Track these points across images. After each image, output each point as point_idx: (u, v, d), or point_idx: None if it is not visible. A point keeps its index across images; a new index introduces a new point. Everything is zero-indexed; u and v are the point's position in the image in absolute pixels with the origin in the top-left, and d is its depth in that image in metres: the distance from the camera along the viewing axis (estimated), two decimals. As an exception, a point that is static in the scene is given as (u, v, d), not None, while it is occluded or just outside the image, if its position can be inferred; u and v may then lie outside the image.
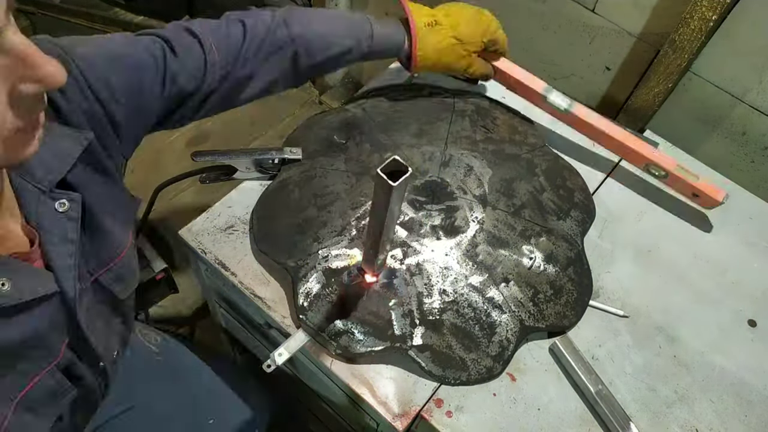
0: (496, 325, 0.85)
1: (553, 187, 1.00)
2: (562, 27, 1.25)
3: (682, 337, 0.92)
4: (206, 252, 0.92)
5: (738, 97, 1.08)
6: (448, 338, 0.84)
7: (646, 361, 0.89)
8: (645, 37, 1.14)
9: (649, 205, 1.06)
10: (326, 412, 1.11)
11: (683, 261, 1.00)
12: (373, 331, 0.82)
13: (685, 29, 1.01)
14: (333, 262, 0.86)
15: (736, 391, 0.87)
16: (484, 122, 1.06)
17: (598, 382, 0.83)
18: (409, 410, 0.81)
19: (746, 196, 1.10)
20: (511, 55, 1.06)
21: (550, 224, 0.95)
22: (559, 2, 1.21)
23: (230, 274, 0.90)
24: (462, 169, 0.95)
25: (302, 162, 0.98)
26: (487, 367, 0.83)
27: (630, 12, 1.13)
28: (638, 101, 1.16)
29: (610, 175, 1.09)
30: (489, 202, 0.93)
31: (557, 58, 1.31)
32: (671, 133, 1.17)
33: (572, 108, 1.03)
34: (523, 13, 1.29)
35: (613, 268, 0.98)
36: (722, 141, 1.16)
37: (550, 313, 0.88)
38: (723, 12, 0.96)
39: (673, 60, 1.06)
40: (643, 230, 1.03)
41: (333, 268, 0.86)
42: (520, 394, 0.84)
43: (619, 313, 0.92)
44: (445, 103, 1.08)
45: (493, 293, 0.87)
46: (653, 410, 0.84)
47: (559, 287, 0.90)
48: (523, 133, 1.07)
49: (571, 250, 0.94)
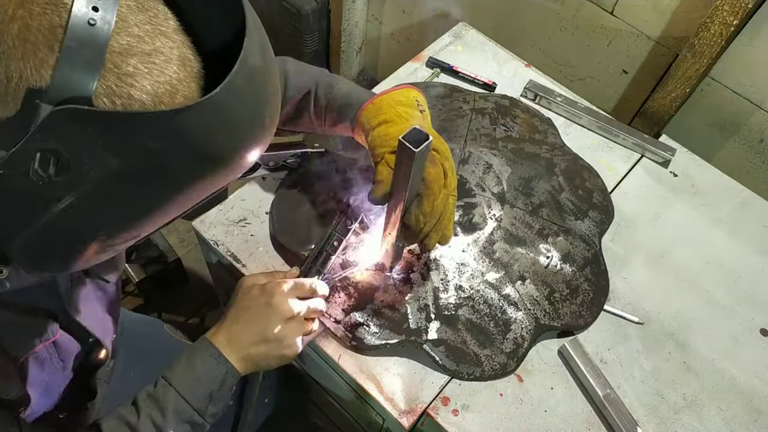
0: (511, 322, 0.86)
1: (572, 187, 1.00)
2: (580, 28, 1.24)
3: (692, 343, 0.91)
4: (219, 244, 0.93)
5: (757, 104, 1.07)
6: (462, 333, 0.84)
7: (656, 367, 0.88)
8: (664, 41, 1.13)
9: (662, 210, 1.06)
10: (332, 407, 1.12)
11: (696, 267, 0.99)
12: (388, 324, 0.83)
13: (705, 33, 1.00)
14: (351, 254, 0.87)
15: (746, 399, 0.87)
16: (504, 120, 1.06)
17: (606, 385, 0.83)
18: (415, 407, 0.81)
19: (762, 204, 1.09)
20: (528, 56, 1.05)
21: (568, 224, 0.95)
22: (577, 3, 1.21)
23: (242, 267, 0.91)
24: (481, 167, 0.96)
25: (324, 155, 0.99)
26: (501, 363, 0.84)
27: (649, 15, 1.12)
28: (655, 105, 1.15)
29: (622, 180, 1.09)
30: (507, 200, 0.93)
31: (574, 60, 1.31)
32: (688, 138, 1.16)
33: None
34: (540, 13, 1.28)
35: (625, 272, 0.97)
36: (739, 148, 1.15)
37: (565, 312, 0.88)
38: (744, 17, 0.95)
39: (692, 65, 1.05)
40: (656, 235, 1.02)
41: (351, 260, 0.87)
42: (527, 395, 0.84)
43: (634, 319, 0.91)
44: (466, 100, 1.08)
45: (509, 290, 0.87)
46: (661, 416, 0.84)
47: (576, 287, 0.90)
48: (543, 133, 1.07)
49: (589, 250, 0.94)
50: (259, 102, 0.48)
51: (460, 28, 1.28)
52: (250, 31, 0.45)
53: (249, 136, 0.48)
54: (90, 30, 0.39)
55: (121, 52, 0.41)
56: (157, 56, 0.43)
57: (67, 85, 0.38)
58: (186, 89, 0.45)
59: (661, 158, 1.11)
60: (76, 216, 0.43)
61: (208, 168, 0.46)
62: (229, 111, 0.44)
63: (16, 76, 0.39)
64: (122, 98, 0.41)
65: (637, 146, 1.12)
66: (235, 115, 0.45)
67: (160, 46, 0.43)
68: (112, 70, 0.40)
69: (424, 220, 0.72)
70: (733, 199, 1.08)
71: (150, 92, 0.42)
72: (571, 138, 1.11)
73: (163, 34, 0.44)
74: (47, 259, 0.49)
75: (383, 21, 1.72)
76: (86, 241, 0.47)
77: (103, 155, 0.40)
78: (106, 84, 0.40)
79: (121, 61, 0.41)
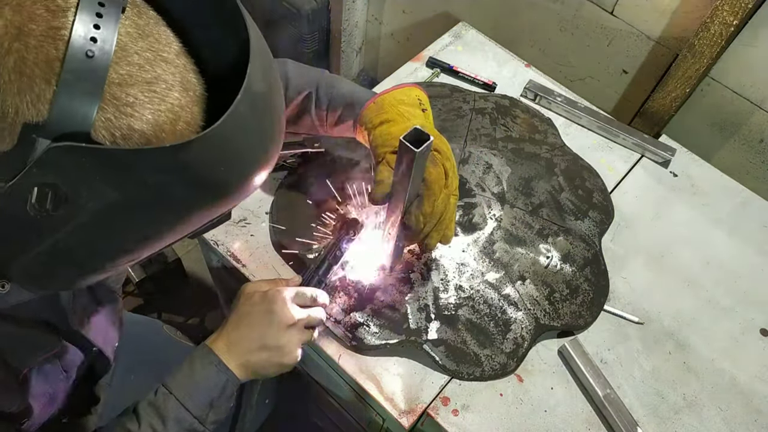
0: (511, 322, 0.86)
1: (572, 187, 1.00)
2: (580, 28, 1.24)
3: (692, 343, 0.91)
4: (219, 244, 0.93)
5: (757, 104, 1.07)
6: (462, 333, 0.84)
7: (655, 367, 0.88)
8: (664, 41, 1.13)
9: (662, 211, 1.06)
10: (332, 407, 1.12)
11: (696, 267, 0.99)
12: (388, 324, 0.83)
13: (705, 34, 1.00)
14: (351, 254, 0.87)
15: (746, 399, 0.87)
16: (504, 120, 1.06)
17: (606, 386, 0.83)
18: (415, 407, 0.81)
19: (762, 204, 1.09)
20: (528, 56, 1.05)
21: (568, 224, 0.95)
22: (577, 3, 1.21)
23: (242, 266, 0.91)
24: (481, 167, 0.96)
25: (324, 155, 0.99)
26: (501, 363, 0.84)
27: (649, 15, 1.12)
28: (655, 106, 1.15)
29: (622, 180, 1.09)
30: (507, 200, 0.93)
31: (574, 60, 1.31)
32: (687, 138, 1.16)
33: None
34: (540, 13, 1.28)
35: (625, 272, 0.97)
36: (739, 148, 1.15)
37: (565, 312, 0.88)
38: (744, 17, 0.95)
39: (692, 65, 1.05)
40: (656, 235, 1.02)
41: (351, 261, 0.87)
42: (527, 395, 0.84)
43: (634, 319, 0.91)
44: (466, 100, 1.08)
45: (508, 290, 0.87)
46: (661, 416, 0.84)
47: (576, 287, 0.90)
48: (543, 133, 1.07)
49: (589, 250, 0.94)
50: (263, 128, 0.47)
51: (460, 28, 1.28)
52: (254, 55, 0.44)
53: (253, 164, 0.47)
54: (88, 62, 0.37)
55: (121, 82, 0.39)
56: (158, 84, 0.41)
57: (65, 120, 0.37)
58: (188, 115, 0.44)
59: (661, 158, 1.11)
60: (75, 243, 0.43)
61: (210, 198, 0.45)
62: (232, 142, 0.43)
63: (13, 111, 0.38)
64: (122, 130, 0.40)
65: (637, 146, 1.12)
66: (239, 144, 0.44)
67: (162, 73, 0.42)
68: (111, 101, 0.39)
69: (424, 221, 0.72)
70: (733, 199, 1.08)
71: (151, 122, 0.41)
72: (571, 138, 1.11)
73: (165, 60, 0.43)
74: (47, 281, 0.49)
75: (383, 21, 1.72)
76: (86, 265, 0.47)
77: (102, 189, 0.39)
78: (105, 116, 0.39)
79: (120, 92, 0.40)
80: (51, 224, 0.40)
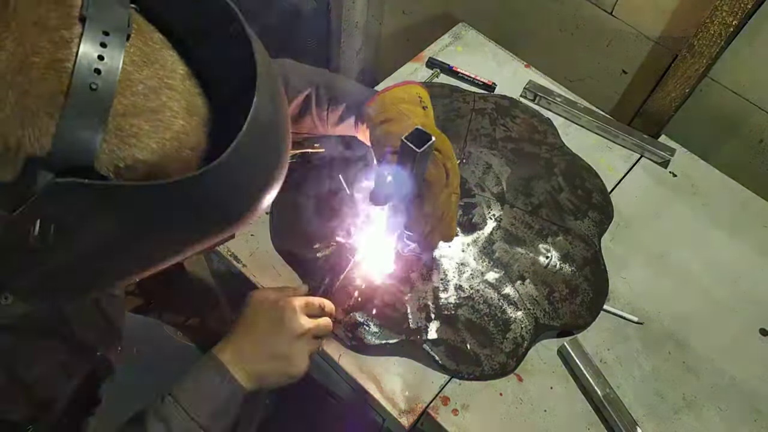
0: (510, 322, 0.86)
1: (572, 187, 1.00)
2: (580, 29, 1.24)
3: (692, 343, 0.91)
4: (219, 243, 0.93)
5: (756, 104, 1.07)
6: (462, 333, 0.84)
7: (655, 367, 0.88)
8: (663, 41, 1.13)
9: (661, 211, 1.06)
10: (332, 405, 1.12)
11: (695, 267, 0.99)
12: (388, 324, 0.83)
13: (705, 34, 1.00)
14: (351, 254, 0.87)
15: (746, 399, 0.87)
16: (504, 121, 1.06)
17: (606, 385, 0.83)
18: (415, 407, 0.81)
19: (762, 204, 1.09)
20: (528, 57, 1.06)
21: (567, 224, 0.95)
22: (576, 3, 1.21)
23: (242, 266, 0.91)
24: (480, 167, 0.96)
25: (323, 155, 0.99)
26: (500, 363, 0.84)
27: (649, 15, 1.12)
28: (654, 106, 1.15)
29: (622, 180, 1.09)
30: (507, 200, 0.93)
31: (573, 60, 1.31)
32: (687, 138, 1.16)
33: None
34: (539, 13, 1.28)
35: (625, 272, 0.97)
36: (739, 148, 1.15)
37: (565, 312, 0.88)
38: (744, 17, 0.95)
39: (692, 65, 1.05)
40: (656, 235, 1.02)
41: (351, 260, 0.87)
42: (527, 394, 0.84)
43: (633, 319, 0.91)
44: (465, 100, 1.08)
45: (508, 290, 0.87)
46: (660, 415, 0.84)
47: (575, 287, 0.90)
48: (542, 133, 1.07)
49: (588, 250, 0.94)
50: (269, 157, 0.46)
51: (460, 29, 1.28)
52: (261, 82, 0.42)
53: (258, 192, 0.46)
54: (92, 95, 0.37)
55: (125, 113, 0.39)
56: (163, 113, 0.41)
57: (69, 154, 0.37)
58: (193, 140, 0.43)
59: (661, 158, 1.11)
60: (77, 268, 0.43)
61: (215, 227, 0.45)
62: (236, 173, 0.42)
63: (15, 145, 0.37)
64: (126, 161, 0.39)
65: (637, 146, 1.12)
66: (244, 175, 0.43)
67: (167, 100, 0.41)
68: (115, 132, 0.38)
69: (425, 221, 0.72)
70: (733, 199, 1.08)
71: (156, 151, 0.40)
72: (571, 138, 1.12)
73: (170, 87, 0.42)
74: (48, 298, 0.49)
75: (383, 21, 1.72)
76: (86, 285, 0.47)
77: (105, 221, 0.39)
78: (109, 148, 0.38)
79: (124, 122, 0.39)
80: (52, 252, 0.40)
